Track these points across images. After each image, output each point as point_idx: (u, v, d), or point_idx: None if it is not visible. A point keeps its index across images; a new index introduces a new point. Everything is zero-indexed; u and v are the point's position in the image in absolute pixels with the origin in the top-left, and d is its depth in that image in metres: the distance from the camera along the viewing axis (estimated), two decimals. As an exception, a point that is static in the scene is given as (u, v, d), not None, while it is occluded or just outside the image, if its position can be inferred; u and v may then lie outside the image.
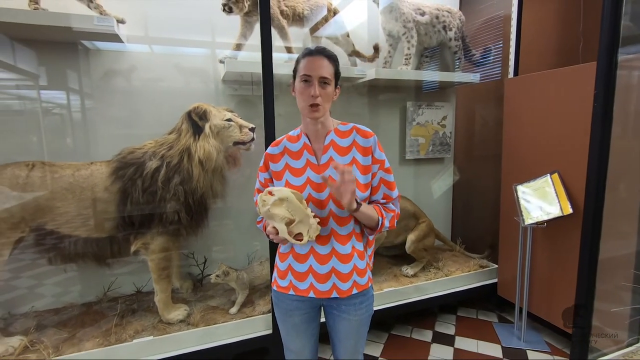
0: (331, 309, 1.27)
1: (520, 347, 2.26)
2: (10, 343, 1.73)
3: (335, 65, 1.19)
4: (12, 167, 1.73)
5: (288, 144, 1.25)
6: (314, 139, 1.23)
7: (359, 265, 1.22)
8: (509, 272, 2.53)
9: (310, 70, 1.13)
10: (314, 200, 1.18)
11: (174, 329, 1.92)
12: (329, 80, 1.15)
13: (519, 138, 2.42)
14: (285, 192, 1.11)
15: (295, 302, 1.25)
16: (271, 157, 1.26)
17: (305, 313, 1.27)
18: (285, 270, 1.25)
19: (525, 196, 2.26)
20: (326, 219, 1.18)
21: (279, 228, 1.11)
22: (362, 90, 2.78)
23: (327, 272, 1.19)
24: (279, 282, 1.27)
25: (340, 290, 1.20)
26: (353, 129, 1.24)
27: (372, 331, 2.44)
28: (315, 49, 1.16)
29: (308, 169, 1.20)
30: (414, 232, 2.60)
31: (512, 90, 2.47)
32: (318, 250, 1.19)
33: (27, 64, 1.97)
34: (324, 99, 1.14)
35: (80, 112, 2.11)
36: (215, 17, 2.22)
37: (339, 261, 1.19)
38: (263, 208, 1.11)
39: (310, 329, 1.31)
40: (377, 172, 1.23)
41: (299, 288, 1.22)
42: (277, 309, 1.31)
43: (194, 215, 1.97)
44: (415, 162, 3.01)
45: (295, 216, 1.11)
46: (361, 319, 1.27)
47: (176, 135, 1.94)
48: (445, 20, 2.68)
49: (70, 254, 1.84)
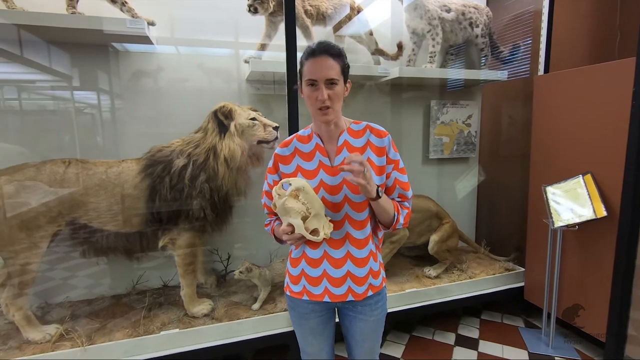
0: (347, 310, 1.25)
1: (548, 354, 2.18)
2: (47, 331, 1.83)
3: (342, 62, 1.10)
4: (51, 164, 1.82)
5: (299, 144, 1.21)
6: (327, 139, 1.19)
7: (374, 267, 1.20)
8: (536, 276, 2.45)
9: (314, 73, 1.07)
10: (328, 203, 1.14)
11: (198, 323, 1.97)
12: (336, 80, 1.08)
13: (549, 137, 2.33)
14: (301, 182, 1.07)
15: (310, 305, 1.23)
16: (281, 158, 1.21)
17: (321, 315, 1.25)
18: (298, 276, 1.22)
19: (555, 198, 2.18)
20: (341, 222, 1.15)
21: (295, 224, 1.05)
22: (384, 89, 2.75)
23: (342, 276, 1.16)
24: (292, 288, 1.24)
25: (356, 293, 1.18)
26: (367, 127, 1.20)
27: (392, 332, 2.43)
28: (318, 48, 1.08)
29: (321, 171, 1.16)
30: (437, 232, 2.56)
31: (542, 87, 2.39)
32: (332, 254, 1.16)
33: (61, 66, 2.07)
34: (334, 100, 1.09)
35: (110, 112, 2.20)
36: (239, 18, 2.25)
37: (355, 265, 1.16)
38: (279, 201, 1.05)
39: (327, 331, 1.29)
40: (392, 172, 1.20)
41: (313, 293, 1.20)
42: (292, 312, 1.28)
43: (219, 212, 2.01)
44: (438, 161, 2.96)
45: (311, 209, 1.07)
46: (378, 319, 1.25)
47: (202, 134, 1.99)
48: (472, 16, 2.62)
49: (102, 247, 1.92)
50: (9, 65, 1.98)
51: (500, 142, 3.07)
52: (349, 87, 1.17)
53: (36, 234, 1.76)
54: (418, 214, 2.54)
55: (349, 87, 1.17)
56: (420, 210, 2.55)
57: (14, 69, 1.99)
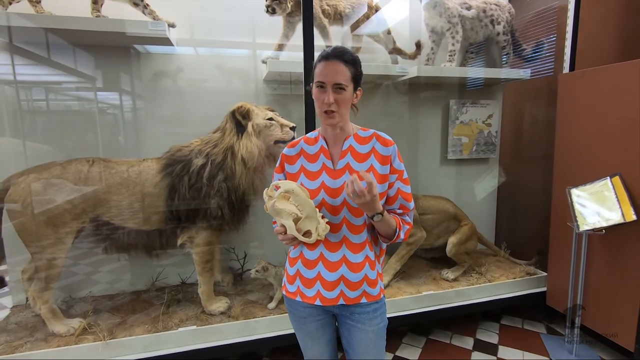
0: (344, 318, 1.22)
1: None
2: (71, 324, 1.89)
3: (354, 69, 1.11)
4: (76, 163, 1.88)
5: (305, 145, 1.22)
6: (332, 143, 1.19)
7: (370, 275, 1.17)
8: (560, 281, 2.37)
9: (324, 76, 1.08)
10: (327, 205, 1.14)
11: (215, 320, 2.00)
12: (345, 85, 1.08)
13: (574, 138, 2.25)
14: (291, 185, 1.07)
15: (307, 309, 1.22)
16: (287, 158, 1.23)
17: (318, 320, 1.24)
18: (293, 276, 1.22)
19: (580, 200, 2.10)
20: (339, 226, 1.15)
21: (286, 225, 1.07)
22: (402, 89, 2.72)
23: (335, 279, 1.15)
24: (288, 287, 1.24)
25: (347, 297, 1.16)
26: (373, 135, 1.19)
27: (409, 334, 2.39)
28: (332, 52, 1.09)
29: (323, 173, 1.16)
30: (456, 234, 2.51)
31: (567, 86, 2.30)
32: (328, 257, 1.16)
33: (86, 68, 2.13)
34: (340, 104, 1.09)
35: (132, 112, 2.26)
36: (257, 18, 2.27)
37: (350, 270, 1.15)
38: (269, 202, 1.07)
39: (326, 336, 1.27)
40: (395, 183, 1.18)
41: (306, 295, 1.19)
42: (291, 316, 1.28)
43: (236, 212, 2.03)
44: (457, 162, 2.91)
45: (303, 211, 1.08)
46: (377, 330, 1.21)
47: (220, 134, 2.01)
48: (493, 14, 2.55)
49: (123, 244, 1.97)
50: (37, 67, 2.06)
51: (522, 143, 2.99)
52: (359, 94, 1.17)
53: (61, 230, 1.82)
54: (436, 215, 2.50)
55: (359, 94, 1.17)
56: (438, 211, 2.51)
57: (42, 70, 2.07)
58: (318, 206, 1.12)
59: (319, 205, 1.14)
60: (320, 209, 1.13)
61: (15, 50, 2.00)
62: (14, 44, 1.99)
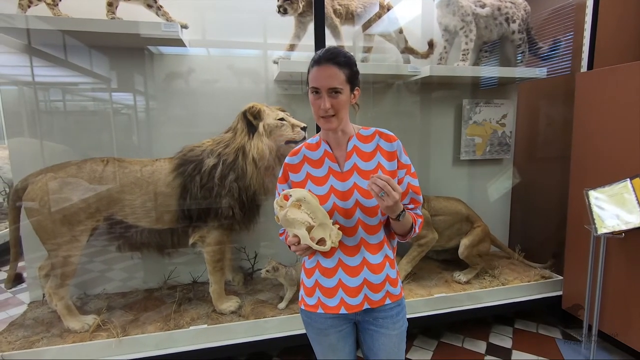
0: (367, 324, 1.18)
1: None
2: (86, 321, 1.92)
3: (349, 70, 1.07)
4: (91, 163, 1.92)
5: (307, 152, 1.19)
6: (335, 146, 1.17)
7: (391, 274, 1.16)
8: (576, 285, 2.31)
9: (317, 82, 1.05)
10: (339, 209, 1.11)
11: (226, 319, 2.01)
12: (340, 89, 1.05)
13: (592, 138, 2.19)
14: (302, 193, 1.05)
15: (329, 320, 1.17)
16: (290, 167, 1.19)
17: (340, 330, 1.19)
18: (312, 287, 1.17)
19: (598, 203, 2.04)
20: (354, 229, 1.11)
21: (300, 234, 1.03)
22: (413, 88, 2.69)
23: (358, 285, 1.12)
24: (307, 300, 1.19)
25: (372, 301, 1.14)
26: (375, 133, 1.18)
27: (420, 337, 2.37)
28: (324, 55, 1.06)
29: (331, 177, 1.14)
30: (468, 236, 2.47)
31: (585, 85, 2.24)
32: (347, 262, 1.12)
33: (101, 69, 2.17)
34: (337, 109, 1.06)
35: (145, 112, 2.29)
36: (268, 19, 2.28)
37: (371, 272, 1.12)
38: (280, 213, 1.04)
39: (348, 347, 1.23)
40: (404, 177, 1.17)
41: (328, 305, 1.14)
42: (309, 328, 1.22)
43: (247, 211, 2.04)
44: (470, 162, 2.86)
45: (315, 219, 1.05)
46: (400, 333, 1.19)
47: (232, 134, 2.02)
48: (508, 11, 2.50)
49: (136, 242, 2.00)
50: (54, 69, 2.10)
51: (538, 143, 2.92)
52: (357, 94, 1.14)
53: (77, 228, 1.86)
54: (448, 216, 2.46)
55: (357, 94, 1.14)
56: (450, 212, 2.47)
57: (59, 72, 2.12)
58: (330, 211, 1.10)
59: (331, 210, 1.11)
60: (333, 214, 1.11)
61: (34, 52, 2.05)
62: (32, 46, 2.04)
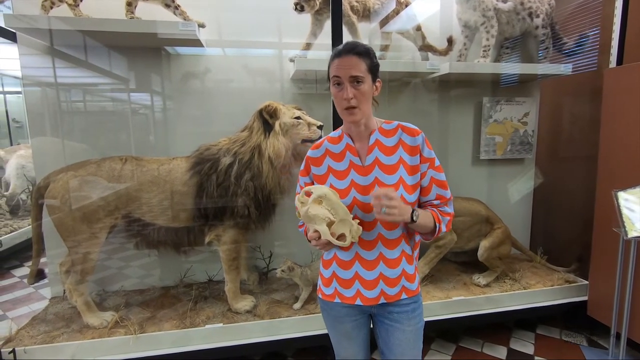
0: (382, 317, 1.20)
1: (616, 378, 1.96)
2: (104, 317, 1.95)
3: (369, 60, 1.08)
4: (109, 161, 1.94)
5: (329, 145, 1.20)
6: (357, 139, 1.17)
7: (408, 270, 1.16)
8: (603, 290, 2.21)
9: (338, 71, 1.06)
10: (359, 203, 1.11)
11: (241, 319, 2.00)
12: (362, 77, 1.06)
13: (621, 137, 2.09)
14: (323, 189, 1.07)
15: (345, 309, 1.21)
16: (313, 160, 1.20)
17: (355, 320, 1.23)
18: (329, 278, 1.21)
19: (628, 204, 1.95)
20: (373, 223, 1.12)
21: (320, 230, 1.05)
22: (431, 86, 2.63)
23: (374, 278, 1.14)
24: (324, 290, 1.23)
25: (388, 295, 1.15)
26: (398, 127, 1.17)
27: (437, 340, 2.31)
28: (343, 47, 1.08)
29: (352, 171, 1.14)
30: (488, 238, 2.40)
31: (614, 82, 2.14)
32: (364, 256, 1.14)
33: (119, 69, 2.20)
34: (360, 99, 1.07)
35: (162, 112, 2.31)
36: (284, 18, 2.27)
37: (387, 266, 1.14)
38: (302, 209, 1.06)
39: (362, 335, 1.26)
40: (427, 171, 1.16)
41: (345, 295, 1.18)
42: (326, 315, 1.27)
43: (262, 210, 2.03)
44: (490, 162, 2.78)
45: (336, 215, 1.07)
46: (416, 330, 1.19)
47: (248, 133, 2.01)
48: (531, 6, 2.42)
49: (153, 240, 2.02)
50: (75, 70, 2.14)
51: (561, 142, 2.82)
52: (379, 86, 1.15)
53: (96, 225, 1.89)
54: (467, 217, 2.40)
55: (378, 86, 1.14)
56: (469, 213, 2.40)
57: (80, 73, 2.16)
58: (349, 205, 1.11)
59: (351, 204, 1.11)
60: (352, 208, 1.11)
61: (56, 54, 2.09)
62: (54, 48, 2.08)
